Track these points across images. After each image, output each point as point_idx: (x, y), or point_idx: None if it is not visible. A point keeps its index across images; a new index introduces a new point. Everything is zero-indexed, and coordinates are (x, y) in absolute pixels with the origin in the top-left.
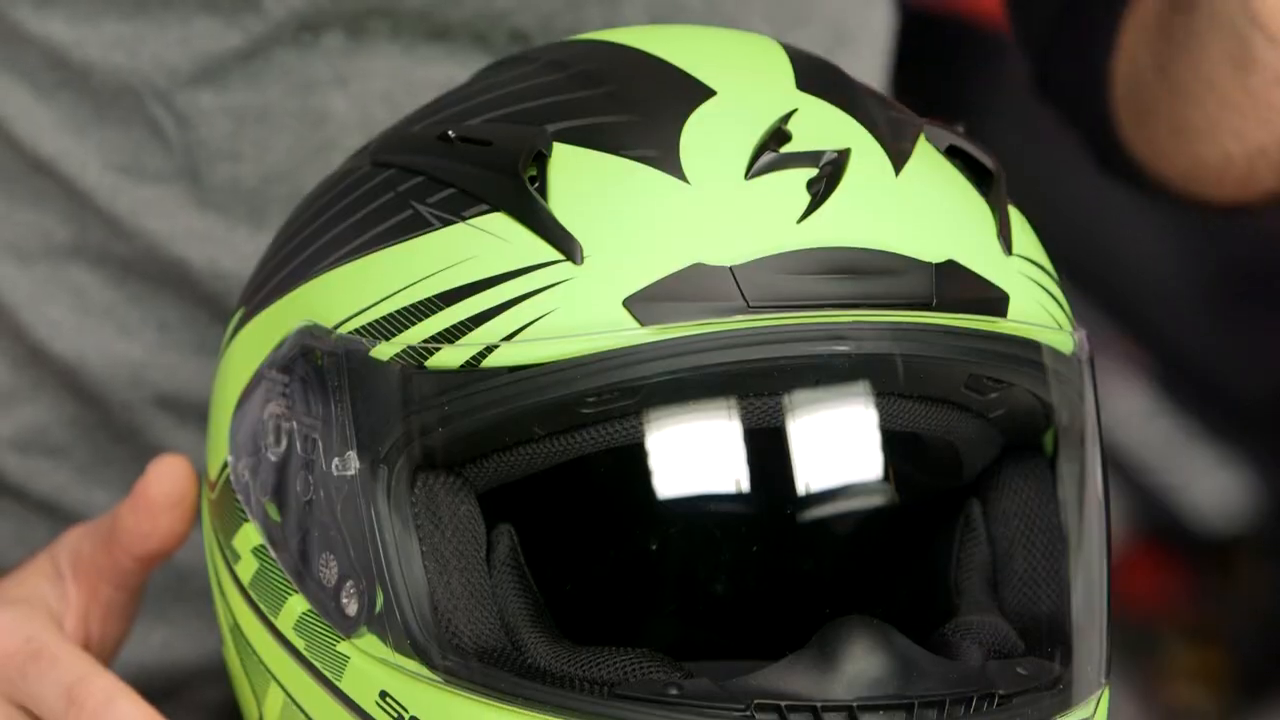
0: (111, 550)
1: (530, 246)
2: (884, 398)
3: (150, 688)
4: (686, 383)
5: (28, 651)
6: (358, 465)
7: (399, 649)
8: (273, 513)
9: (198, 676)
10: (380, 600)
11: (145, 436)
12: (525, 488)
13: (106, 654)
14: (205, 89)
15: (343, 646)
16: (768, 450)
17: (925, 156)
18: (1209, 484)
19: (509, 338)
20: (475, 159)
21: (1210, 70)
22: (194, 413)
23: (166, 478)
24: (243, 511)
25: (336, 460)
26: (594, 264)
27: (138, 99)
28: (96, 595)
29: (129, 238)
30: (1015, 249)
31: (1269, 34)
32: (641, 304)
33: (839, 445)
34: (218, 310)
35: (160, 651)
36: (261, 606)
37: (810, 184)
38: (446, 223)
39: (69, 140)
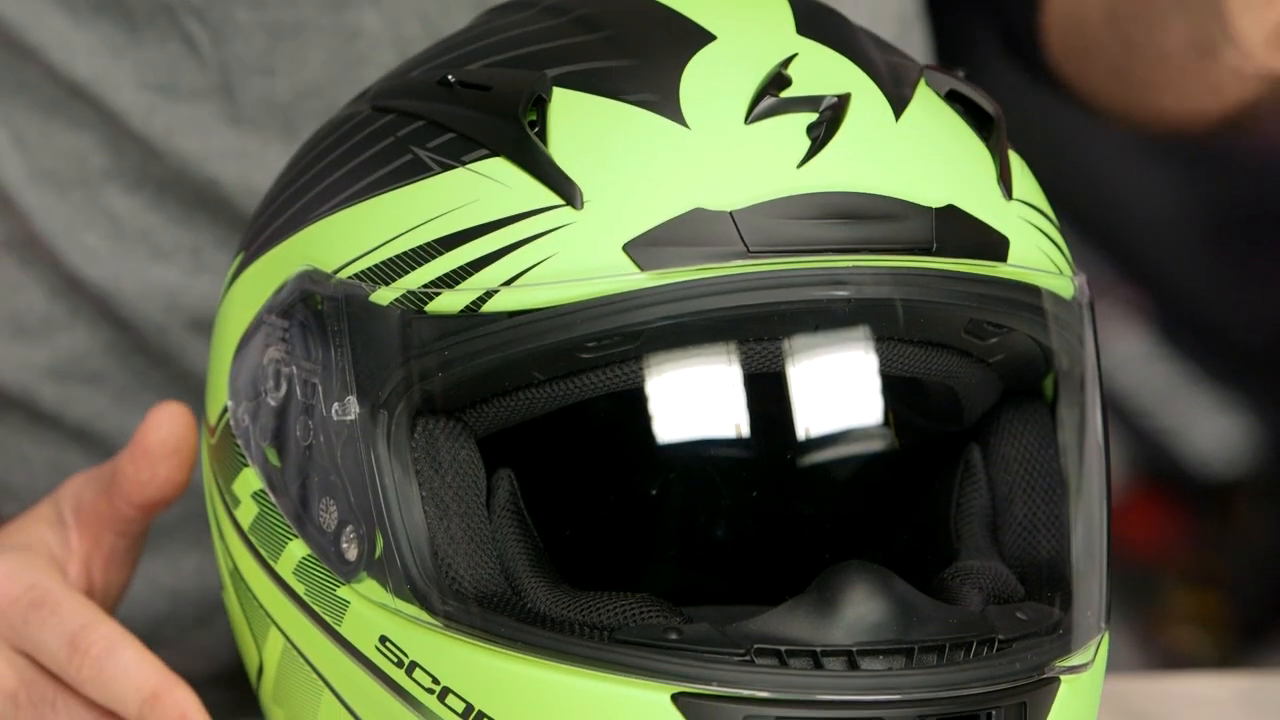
0: (112, 498)
1: (530, 191)
2: (884, 342)
3: (183, 615)
4: (686, 327)
5: (30, 599)
6: (357, 410)
7: (399, 594)
8: (272, 458)
9: None
10: (380, 545)
11: (180, 361)
12: (525, 433)
13: (110, 601)
14: (240, 4)
15: (343, 591)
16: (767, 395)
17: (925, 101)
18: (1209, 428)
19: (509, 283)
20: (475, 104)
21: (1167, 43)
22: None
23: (165, 425)
24: (242, 456)
25: (336, 405)
26: (594, 209)
27: (173, 16)
28: (99, 543)
29: (163, 159)
30: (1015, 194)
31: (1239, 48)
32: (641, 249)
33: (839, 390)
34: None
35: (194, 578)
36: (261, 551)
37: (810, 129)
38: (446, 168)
39: (105, 62)
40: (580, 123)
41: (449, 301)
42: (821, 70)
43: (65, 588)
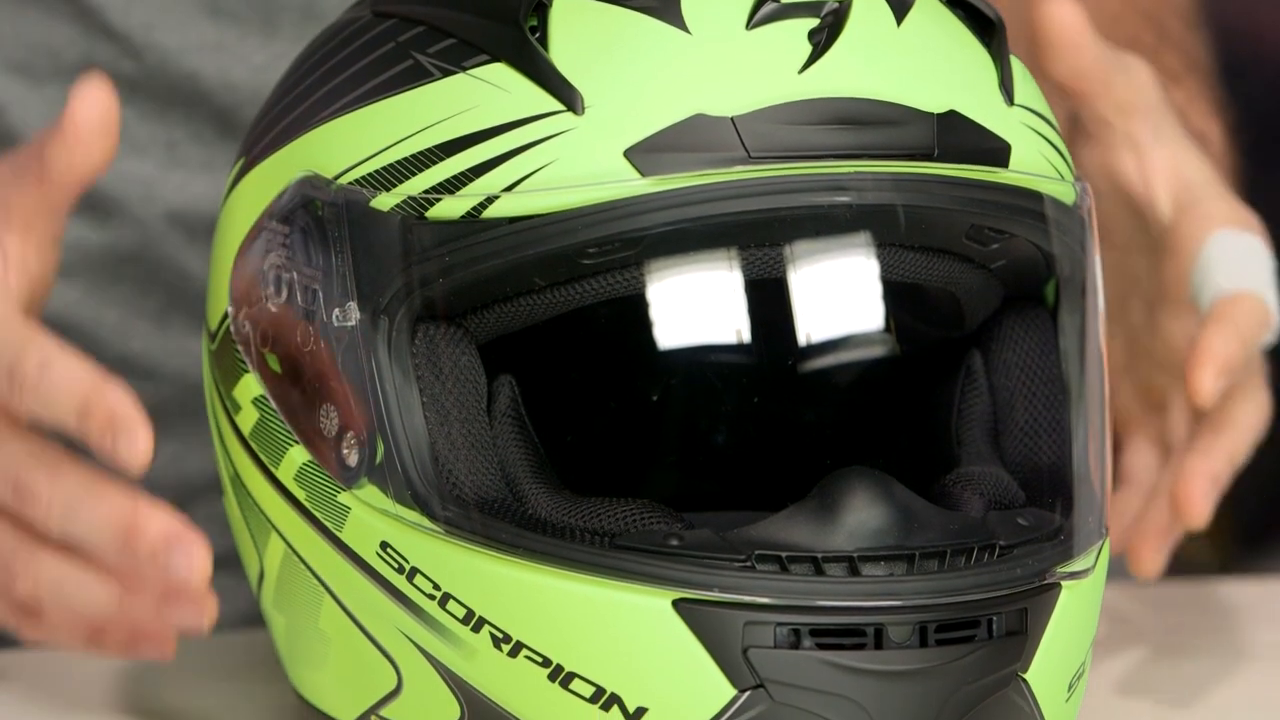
0: (43, 186)
1: (531, 97)
2: (885, 248)
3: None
4: (687, 233)
5: None
6: (358, 316)
7: (400, 500)
8: (273, 364)
9: (207, 489)
10: (381, 451)
11: (155, 254)
12: (526, 339)
13: (49, 280)
14: None
15: (343, 498)
16: (768, 300)
17: (927, 7)
18: None
19: (510, 188)
20: (476, 8)
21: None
22: (204, 229)
23: (92, 103)
24: (243, 362)
25: (337, 311)
26: (595, 114)
27: None
28: (30, 233)
29: (139, 54)
30: (1017, 99)
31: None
32: (642, 155)
33: (840, 296)
34: (226, 126)
35: (168, 465)
36: (262, 457)
37: (812, 34)
38: (447, 73)
39: None
40: (581, 28)
41: (450, 207)
42: None
43: (6, 316)
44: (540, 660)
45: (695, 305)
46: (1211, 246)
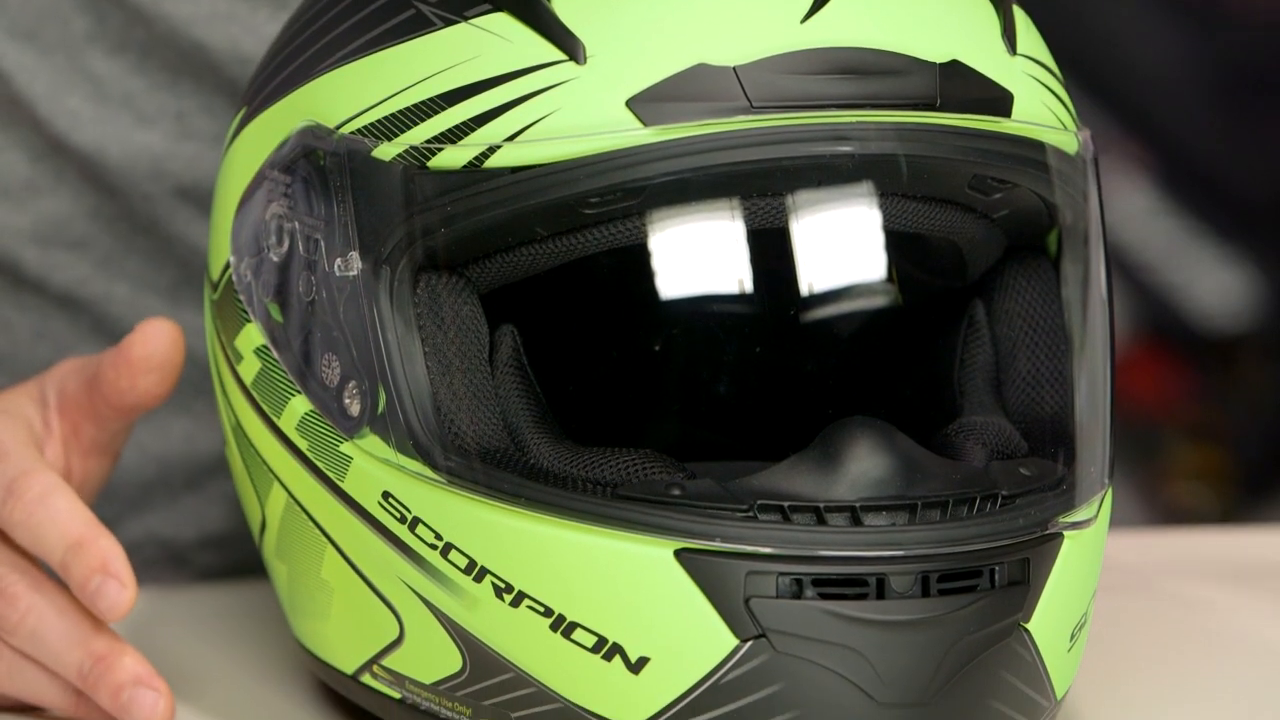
0: (92, 395)
1: (533, 46)
2: (887, 198)
3: (172, 480)
4: (689, 183)
5: None
6: (360, 266)
7: (401, 449)
8: (275, 313)
9: (219, 467)
10: (383, 401)
11: (166, 228)
12: (528, 289)
13: (88, 489)
14: None
15: (345, 447)
16: (770, 250)
17: None
18: (1212, 283)
19: (511, 138)
20: None
21: None
22: None
23: (152, 341)
24: (245, 312)
25: (339, 261)
26: (597, 64)
27: None
28: (77, 431)
29: (149, 23)
30: (1020, 49)
31: None
32: (644, 104)
33: (842, 245)
34: (236, 97)
35: (181, 443)
36: (264, 407)
37: None
38: (449, 22)
39: None
40: None
41: (452, 157)
42: None
43: (22, 444)
44: (542, 610)
45: (697, 255)
46: None
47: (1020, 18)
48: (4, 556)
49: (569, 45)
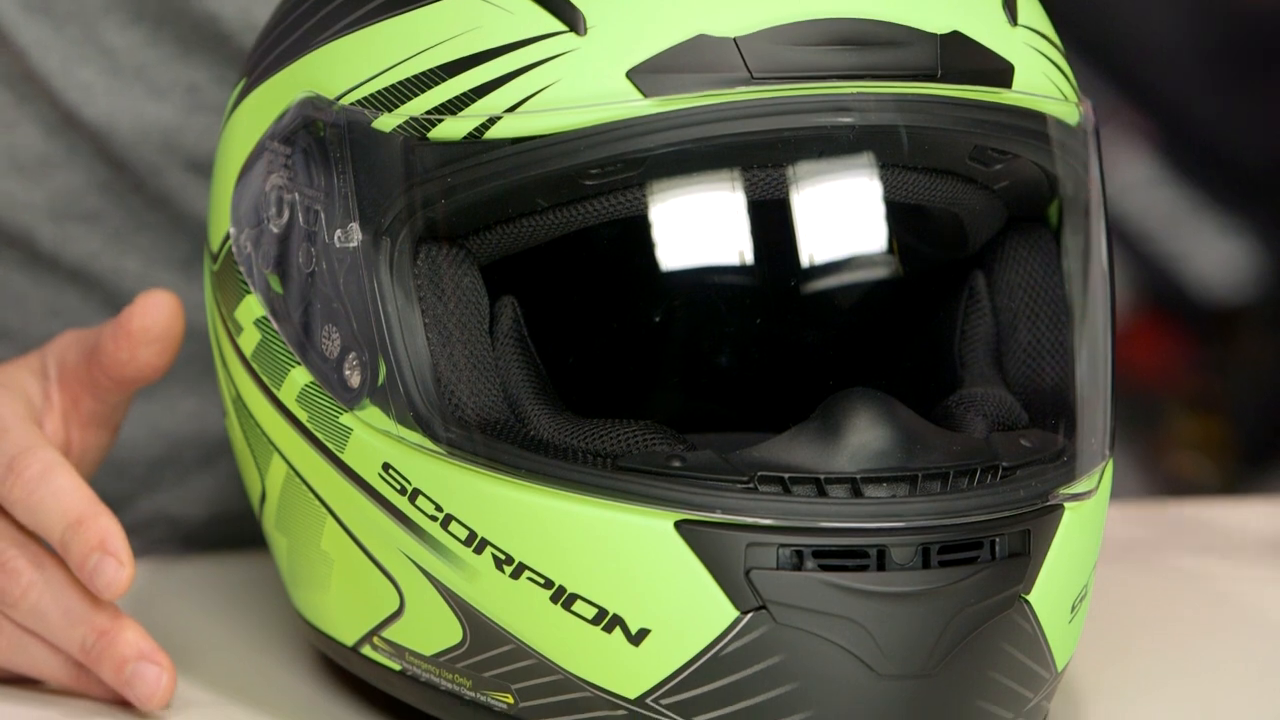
0: (92, 367)
1: (533, 17)
2: (888, 169)
3: (182, 458)
4: (690, 154)
5: None
6: (360, 237)
7: (402, 421)
8: (275, 285)
9: (230, 447)
10: (383, 372)
11: (178, 202)
12: (528, 260)
13: (88, 461)
14: None
15: (345, 419)
16: (771, 221)
17: None
18: (1213, 253)
19: (512, 109)
20: None
21: None
22: None
23: (151, 312)
24: (245, 283)
25: (339, 232)
26: (597, 35)
27: None
28: (77, 403)
29: None
30: (1020, 20)
31: None
32: (645, 75)
33: (843, 216)
34: None
35: (191, 422)
36: (264, 378)
37: None
38: None
39: None
40: None
41: (452, 128)
42: None
43: (22, 420)
44: (542, 582)
45: (698, 226)
46: None
47: None
48: (5, 532)
49: (569, 16)
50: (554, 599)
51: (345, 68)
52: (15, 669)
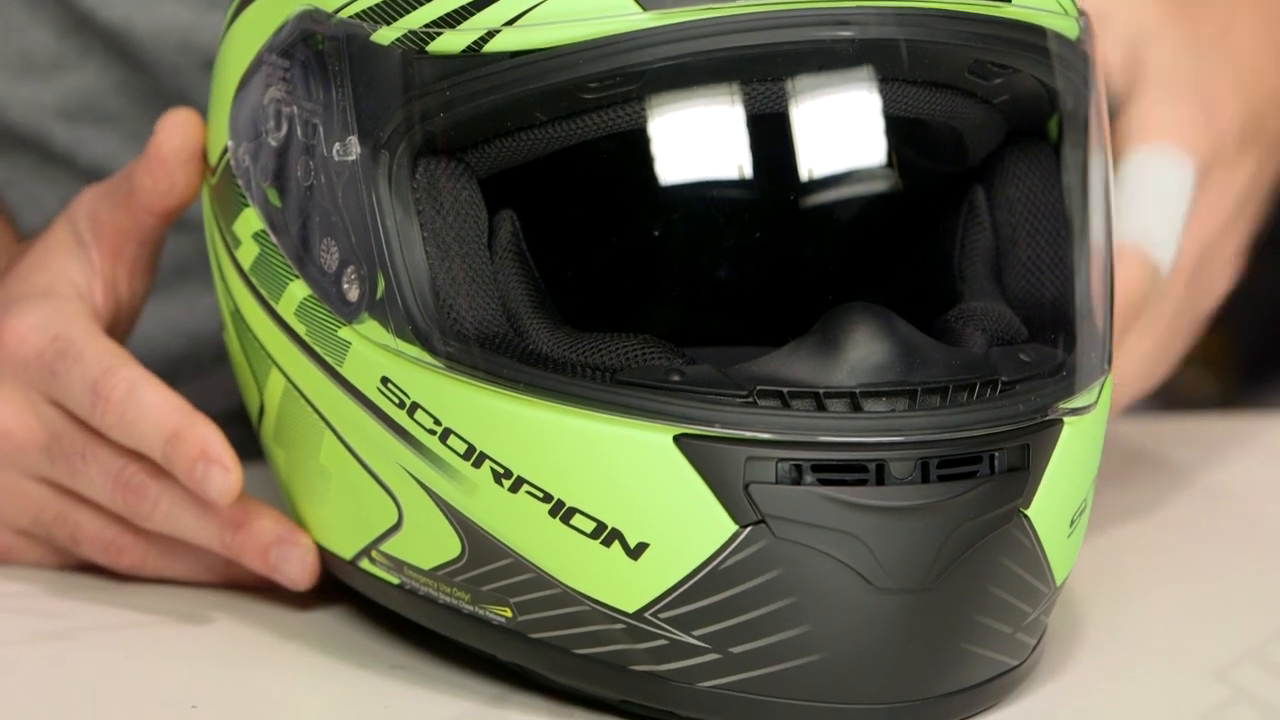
0: (131, 209)
1: None
2: (887, 83)
3: (200, 354)
4: (689, 68)
5: (55, 350)
6: (359, 150)
7: (400, 334)
8: (273, 198)
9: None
10: (381, 286)
11: (194, 101)
12: (527, 174)
13: (136, 308)
14: None
15: (344, 332)
16: (770, 135)
17: None
18: None
19: (510, 22)
20: None
21: None
22: None
23: (179, 134)
24: (243, 197)
25: (337, 145)
26: None
27: None
28: (121, 255)
29: None
30: None
31: None
32: None
33: (842, 130)
34: None
35: (210, 318)
36: (262, 291)
37: None
38: None
39: None
40: None
41: (450, 41)
42: None
43: (90, 333)
44: (541, 495)
45: (696, 140)
46: (1125, 169)
47: None
48: (117, 453)
49: None
50: (553, 513)
51: None
52: (171, 575)
